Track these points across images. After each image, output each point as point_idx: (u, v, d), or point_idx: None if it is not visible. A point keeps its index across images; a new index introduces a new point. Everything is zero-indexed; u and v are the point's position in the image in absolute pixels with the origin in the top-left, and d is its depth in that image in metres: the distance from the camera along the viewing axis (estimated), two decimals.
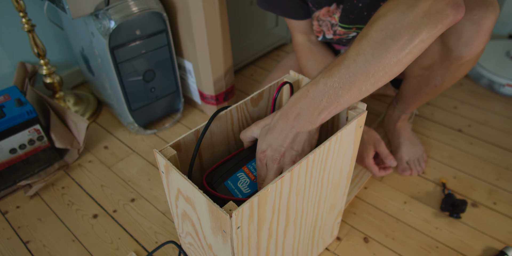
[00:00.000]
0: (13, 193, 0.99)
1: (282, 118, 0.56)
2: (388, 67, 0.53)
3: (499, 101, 1.27)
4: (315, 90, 0.54)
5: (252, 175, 0.60)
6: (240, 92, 1.33)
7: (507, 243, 0.86)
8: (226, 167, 0.61)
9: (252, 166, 0.61)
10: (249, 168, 0.61)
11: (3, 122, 0.90)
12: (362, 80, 0.53)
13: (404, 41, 0.52)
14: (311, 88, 0.55)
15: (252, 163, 0.62)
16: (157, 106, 1.16)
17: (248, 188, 0.59)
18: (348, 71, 0.53)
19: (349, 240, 0.87)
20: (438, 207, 0.94)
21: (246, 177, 0.60)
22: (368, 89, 0.54)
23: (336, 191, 0.68)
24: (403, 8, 0.52)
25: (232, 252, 0.51)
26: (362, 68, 0.52)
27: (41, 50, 1.08)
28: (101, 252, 0.85)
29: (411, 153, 1.03)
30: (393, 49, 0.52)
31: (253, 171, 0.61)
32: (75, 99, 1.22)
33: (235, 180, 0.59)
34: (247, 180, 0.59)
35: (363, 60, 0.52)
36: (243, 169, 0.61)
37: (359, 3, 0.83)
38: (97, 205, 0.96)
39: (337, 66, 0.54)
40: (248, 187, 0.59)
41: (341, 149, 0.59)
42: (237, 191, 0.58)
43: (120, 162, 1.07)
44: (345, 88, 0.53)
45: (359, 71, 0.52)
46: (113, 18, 0.92)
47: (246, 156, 0.62)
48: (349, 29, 0.90)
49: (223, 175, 0.59)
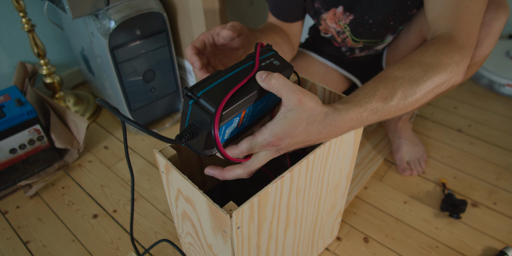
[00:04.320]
0: (13, 193, 0.99)
1: (325, 124, 0.48)
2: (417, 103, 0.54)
3: (499, 101, 1.27)
4: (367, 116, 0.51)
5: (241, 121, 0.52)
6: None
7: (507, 243, 0.86)
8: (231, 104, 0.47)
9: (250, 110, 0.52)
10: (246, 112, 0.51)
11: (3, 122, 0.90)
12: (393, 113, 0.53)
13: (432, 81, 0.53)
14: (367, 115, 0.51)
15: (251, 108, 0.51)
16: (157, 106, 1.16)
17: (228, 135, 0.51)
18: (374, 107, 0.51)
19: (349, 240, 0.87)
20: (438, 207, 0.94)
21: (236, 123, 0.51)
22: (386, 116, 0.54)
23: (336, 191, 0.68)
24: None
25: (232, 252, 0.51)
26: (400, 106, 0.52)
27: (41, 50, 1.08)
28: (101, 252, 0.85)
29: (412, 153, 1.03)
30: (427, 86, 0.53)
31: (245, 117, 0.52)
32: (75, 99, 1.22)
33: (228, 125, 0.50)
34: (235, 125, 0.51)
35: (406, 101, 0.52)
36: (241, 114, 0.50)
37: (370, 19, 0.83)
38: (97, 205, 0.96)
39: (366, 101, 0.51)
40: (229, 134, 0.51)
41: (341, 149, 0.59)
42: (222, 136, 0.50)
43: (120, 162, 1.07)
44: (370, 117, 0.51)
45: (393, 109, 0.52)
46: (113, 18, 0.92)
47: (253, 94, 0.49)
48: (357, 42, 0.91)
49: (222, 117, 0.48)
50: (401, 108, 0.53)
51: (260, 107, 0.53)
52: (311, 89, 0.68)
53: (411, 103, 0.53)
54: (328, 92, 0.64)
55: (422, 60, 0.55)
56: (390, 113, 0.52)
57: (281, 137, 0.47)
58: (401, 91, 0.52)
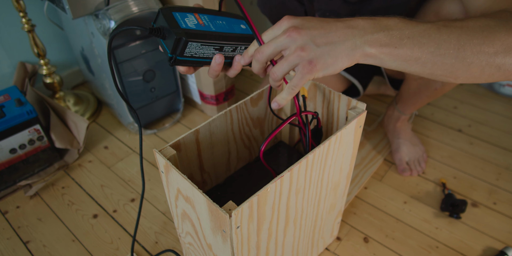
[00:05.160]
0: (13, 193, 0.99)
1: (332, 20, 0.48)
2: (457, 63, 0.47)
3: (499, 101, 1.27)
4: (382, 20, 0.47)
5: (200, 21, 0.57)
6: (240, 92, 1.33)
7: (507, 243, 0.86)
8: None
9: (205, 16, 0.58)
10: (200, 15, 0.57)
11: (3, 122, 0.90)
12: (426, 50, 0.46)
13: (490, 52, 0.46)
14: (380, 18, 0.48)
15: (205, 15, 0.58)
16: (157, 106, 1.16)
17: (193, 26, 0.55)
18: (424, 32, 0.46)
19: (349, 240, 0.87)
20: (438, 207, 0.94)
21: (193, 17, 0.56)
22: (420, 62, 0.47)
23: (336, 191, 0.68)
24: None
25: (232, 252, 0.51)
26: (435, 40, 0.46)
27: (41, 50, 1.08)
28: (101, 252, 0.85)
29: (411, 153, 1.03)
30: (478, 50, 0.46)
31: (202, 18, 0.57)
32: (75, 99, 1.22)
33: (183, 15, 0.56)
34: (194, 20, 0.56)
35: (444, 37, 0.46)
36: (193, 14, 0.57)
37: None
38: (97, 205, 0.96)
39: (419, 23, 0.47)
40: (194, 26, 0.55)
41: (340, 149, 0.59)
42: (182, 23, 0.55)
43: (120, 162, 1.07)
44: (409, 42, 0.46)
45: (430, 40, 0.46)
46: (113, 18, 0.92)
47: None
48: None
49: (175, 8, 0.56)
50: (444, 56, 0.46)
51: (220, 22, 0.58)
52: (310, 89, 0.68)
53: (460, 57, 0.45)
54: (328, 92, 0.64)
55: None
56: (438, 47, 0.45)
57: (297, 25, 0.47)
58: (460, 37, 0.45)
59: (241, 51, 0.58)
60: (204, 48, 0.57)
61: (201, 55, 0.58)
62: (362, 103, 0.60)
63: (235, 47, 0.58)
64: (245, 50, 0.54)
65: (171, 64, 0.58)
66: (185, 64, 0.58)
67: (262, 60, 0.50)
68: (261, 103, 0.69)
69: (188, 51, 0.56)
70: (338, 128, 0.67)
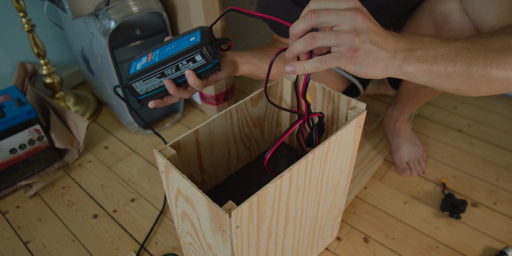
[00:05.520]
0: (13, 193, 0.99)
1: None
2: (482, 77, 0.50)
3: (499, 101, 1.27)
4: (417, 38, 0.49)
5: (149, 58, 0.64)
6: (240, 92, 1.33)
7: (507, 243, 0.86)
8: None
9: (156, 52, 0.65)
10: (153, 53, 0.65)
11: (3, 122, 0.90)
12: (458, 68, 0.49)
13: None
14: (415, 36, 0.49)
15: (157, 51, 0.65)
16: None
17: (140, 67, 0.64)
18: (455, 50, 0.49)
19: (349, 240, 0.87)
20: (438, 207, 0.94)
21: (146, 59, 0.65)
22: (451, 79, 0.50)
23: (336, 191, 0.68)
24: None
25: (232, 252, 0.51)
26: (465, 58, 0.49)
27: (41, 50, 1.08)
28: (101, 252, 0.85)
29: (411, 153, 1.03)
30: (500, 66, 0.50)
31: (153, 56, 0.64)
32: (75, 99, 1.22)
33: (137, 61, 0.66)
34: (144, 61, 0.64)
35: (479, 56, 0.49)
36: (148, 54, 0.66)
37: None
38: (97, 205, 0.96)
39: (450, 41, 0.50)
40: (140, 66, 0.64)
41: (340, 148, 0.59)
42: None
43: (120, 162, 1.07)
44: (442, 59, 0.48)
45: (462, 59, 0.49)
46: (113, 18, 0.92)
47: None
48: None
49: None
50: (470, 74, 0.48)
51: (168, 49, 0.63)
52: (310, 89, 0.68)
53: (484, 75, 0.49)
54: (327, 91, 0.64)
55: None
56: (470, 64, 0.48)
57: (365, 12, 0.45)
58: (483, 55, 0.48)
59: (185, 67, 0.62)
60: (149, 82, 0.64)
61: (153, 87, 0.65)
62: (362, 103, 0.60)
63: (176, 66, 0.62)
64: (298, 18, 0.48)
65: (139, 104, 0.67)
66: (151, 99, 0.66)
67: (313, 22, 0.45)
68: (261, 103, 0.69)
69: (139, 90, 0.65)
70: (338, 128, 0.67)
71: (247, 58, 0.74)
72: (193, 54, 0.60)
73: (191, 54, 0.60)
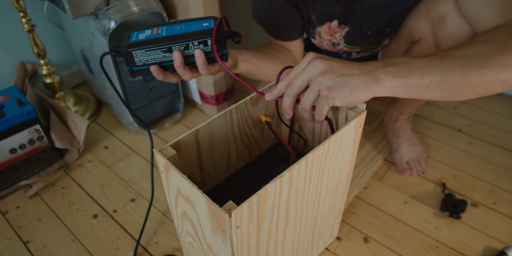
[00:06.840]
0: (13, 193, 0.99)
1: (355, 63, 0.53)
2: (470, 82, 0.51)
3: (499, 101, 1.27)
4: (389, 60, 0.53)
5: (155, 31, 0.63)
6: (240, 92, 1.33)
7: (507, 243, 0.86)
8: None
9: (163, 27, 0.63)
10: (158, 28, 0.63)
11: (3, 122, 0.90)
12: (434, 78, 0.51)
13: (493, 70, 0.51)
14: (387, 60, 0.53)
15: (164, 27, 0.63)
16: (157, 106, 1.16)
17: (143, 37, 0.61)
18: (428, 63, 0.51)
19: (349, 240, 0.87)
20: (438, 207, 0.94)
21: (150, 31, 0.62)
22: (430, 89, 0.52)
23: (336, 191, 0.68)
24: None
25: (232, 252, 0.51)
26: (440, 69, 0.51)
27: (41, 50, 1.08)
28: (101, 252, 0.85)
29: (411, 153, 1.03)
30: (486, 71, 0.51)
31: (159, 30, 0.63)
32: (75, 99, 1.22)
33: (139, 32, 0.63)
34: (149, 33, 0.62)
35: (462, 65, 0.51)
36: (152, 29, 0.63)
37: (368, 31, 0.84)
38: (97, 205, 0.96)
39: (422, 57, 0.53)
40: (144, 37, 0.61)
41: (340, 148, 0.59)
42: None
43: (120, 162, 1.07)
44: (417, 72, 0.51)
45: (436, 69, 0.51)
46: (113, 18, 0.92)
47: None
48: (354, 47, 0.91)
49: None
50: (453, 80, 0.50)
51: (178, 28, 0.62)
52: None
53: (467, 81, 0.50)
54: None
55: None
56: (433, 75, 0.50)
57: (320, 57, 0.53)
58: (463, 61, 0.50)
59: (195, 47, 0.60)
60: (151, 54, 0.61)
61: (154, 61, 0.62)
62: (362, 103, 0.60)
63: (186, 45, 0.60)
64: (273, 86, 0.59)
65: (131, 75, 0.64)
66: (146, 73, 0.63)
67: (293, 93, 0.54)
68: (261, 103, 0.69)
69: (137, 60, 0.61)
70: (338, 128, 0.67)
71: (246, 56, 0.75)
72: (206, 38, 0.60)
73: (205, 36, 0.60)
